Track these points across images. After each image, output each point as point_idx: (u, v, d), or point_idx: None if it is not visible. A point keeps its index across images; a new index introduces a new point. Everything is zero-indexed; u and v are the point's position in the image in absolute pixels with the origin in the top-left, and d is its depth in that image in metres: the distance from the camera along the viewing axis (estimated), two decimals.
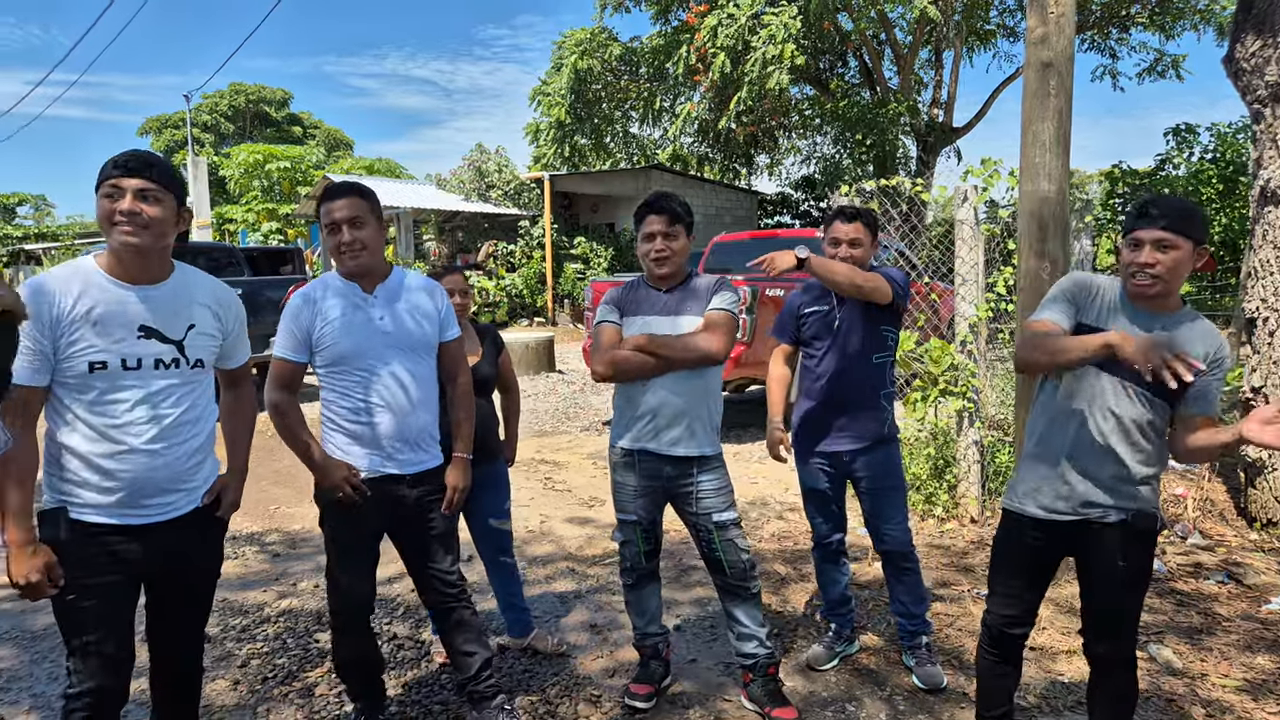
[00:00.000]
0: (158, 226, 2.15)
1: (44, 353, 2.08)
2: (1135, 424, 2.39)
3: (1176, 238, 2.28)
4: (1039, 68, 4.27)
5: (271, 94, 52.95)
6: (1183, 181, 15.82)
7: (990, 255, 5.69)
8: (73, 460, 2.16)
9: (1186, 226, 2.28)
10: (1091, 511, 2.44)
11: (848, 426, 3.35)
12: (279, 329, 2.72)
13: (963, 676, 3.39)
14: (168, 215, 2.18)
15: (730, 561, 3.04)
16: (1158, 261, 2.29)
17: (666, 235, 3.01)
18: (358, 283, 2.72)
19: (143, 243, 2.14)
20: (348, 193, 2.66)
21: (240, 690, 3.31)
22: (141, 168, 2.13)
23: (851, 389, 3.32)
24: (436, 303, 2.84)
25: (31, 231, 39.47)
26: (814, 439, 3.41)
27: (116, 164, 2.13)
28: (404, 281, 2.80)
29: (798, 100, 21.04)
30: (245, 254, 11.07)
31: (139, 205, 2.11)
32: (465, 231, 21.62)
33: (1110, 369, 2.39)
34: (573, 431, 8.45)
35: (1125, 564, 2.43)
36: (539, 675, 3.42)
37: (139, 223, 2.12)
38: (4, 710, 3.17)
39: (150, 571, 2.29)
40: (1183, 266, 2.31)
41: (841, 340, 3.33)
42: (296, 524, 5.46)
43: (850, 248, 3.30)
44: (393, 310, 2.73)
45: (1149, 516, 2.43)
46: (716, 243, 10.14)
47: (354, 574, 2.79)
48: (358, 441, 2.70)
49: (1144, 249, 2.31)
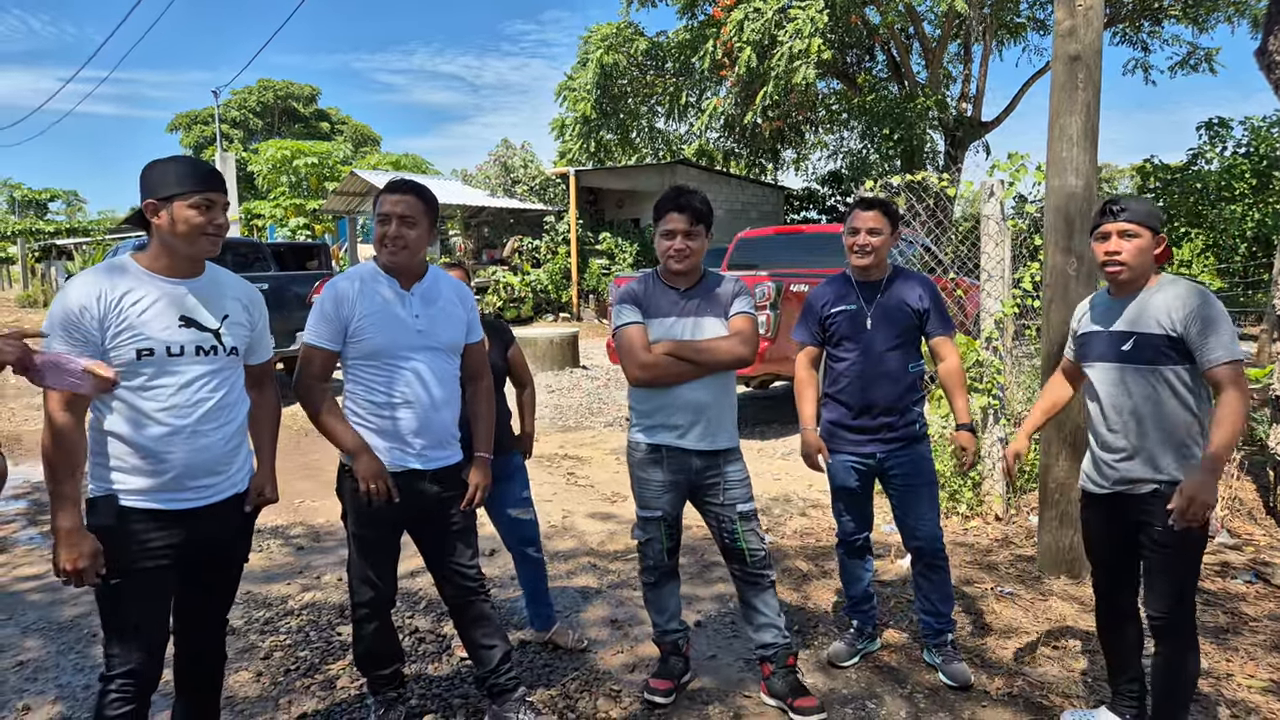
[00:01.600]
0: (226, 233, 2.39)
1: (93, 343, 2.19)
2: (1146, 400, 2.62)
3: (1138, 228, 2.62)
4: (1067, 61, 4.20)
5: (299, 90, 53.48)
6: (1215, 176, 15.49)
7: (1017, 251, 5.63)
8: (120, 446, 2.25)
9: (1145, 218, 2.63)
10: (1126, 485, 2.67)
11: (880, 427, 3.31)
12: (311, 316, 2.75)
13: (984, 674, 3.36)
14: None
15: (751, 550, 3.07)
16: (1123, 249, 2.63)
17: (688, 234, 3.00)
18: (396, 278, 2.76)
19: (218, 249, 2.38)
20: (409, 191, 2.73)
21: (263, 682, 3.35)
22: (222, 184, 2.35)
23: (882, 391, 3.29)
24: (465, 306, 2.90)
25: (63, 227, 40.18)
26: (845, 440, 3.38)
27: (205, 180, 2.30)
28: (437, 283, 2.85)
29: (824, 95, 20.91)
30: (272, 249, 11.19)
31: (223, 218, 2.35)
32: (491, 227, 21.72)
33: (1106, 354, 2.70)
34: (596, 427, 8.46)
35: (1163, 530, 2.55)
36: (559, 670, 3.43)
37: (223, 234, 2.36)
38: (31, 700, 3.23)
39: (188, 557, 2.36)
40: (1145, 253, 2.64)
41: (871, 340, 3.30)
42: (320, 518, 5.51)
43: (869, 236, 3.28)
44: (427, 310, 2.77)
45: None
46: (741, 239, 10.08)
47: (375, 568, 2.82)
48: (382, 436, 2.72)
49: (1111, 239, 2.65)
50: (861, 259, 3.31)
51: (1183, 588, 2.62)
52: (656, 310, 3.07)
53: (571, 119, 21.97)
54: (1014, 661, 3.49)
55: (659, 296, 3.10)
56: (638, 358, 3.02)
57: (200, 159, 2.37)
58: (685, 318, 3.04)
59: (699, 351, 2.98)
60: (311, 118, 53.57)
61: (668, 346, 3.01)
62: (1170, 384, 2.59)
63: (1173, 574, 2.62)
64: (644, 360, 3.01)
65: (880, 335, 3.29)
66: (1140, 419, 2.62)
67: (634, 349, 3.03)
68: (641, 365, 3.01)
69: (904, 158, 18.51)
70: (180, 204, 2.26)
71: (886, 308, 3.31)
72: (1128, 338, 2.65)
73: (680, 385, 3.01)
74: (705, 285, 3.09)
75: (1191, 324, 2.53)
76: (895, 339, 3.29)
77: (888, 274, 3.37)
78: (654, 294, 3.11)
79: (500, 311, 18.58)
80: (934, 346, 3.37)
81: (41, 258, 30.36)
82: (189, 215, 2.27)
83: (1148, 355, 2.60)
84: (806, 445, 3.40)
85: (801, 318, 3.51)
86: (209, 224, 2.29)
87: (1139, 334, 2.62)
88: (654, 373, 3.01)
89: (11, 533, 5.22)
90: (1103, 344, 2.72)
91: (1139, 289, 2.68)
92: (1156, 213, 2.70)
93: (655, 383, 3.04)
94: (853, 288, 3.37)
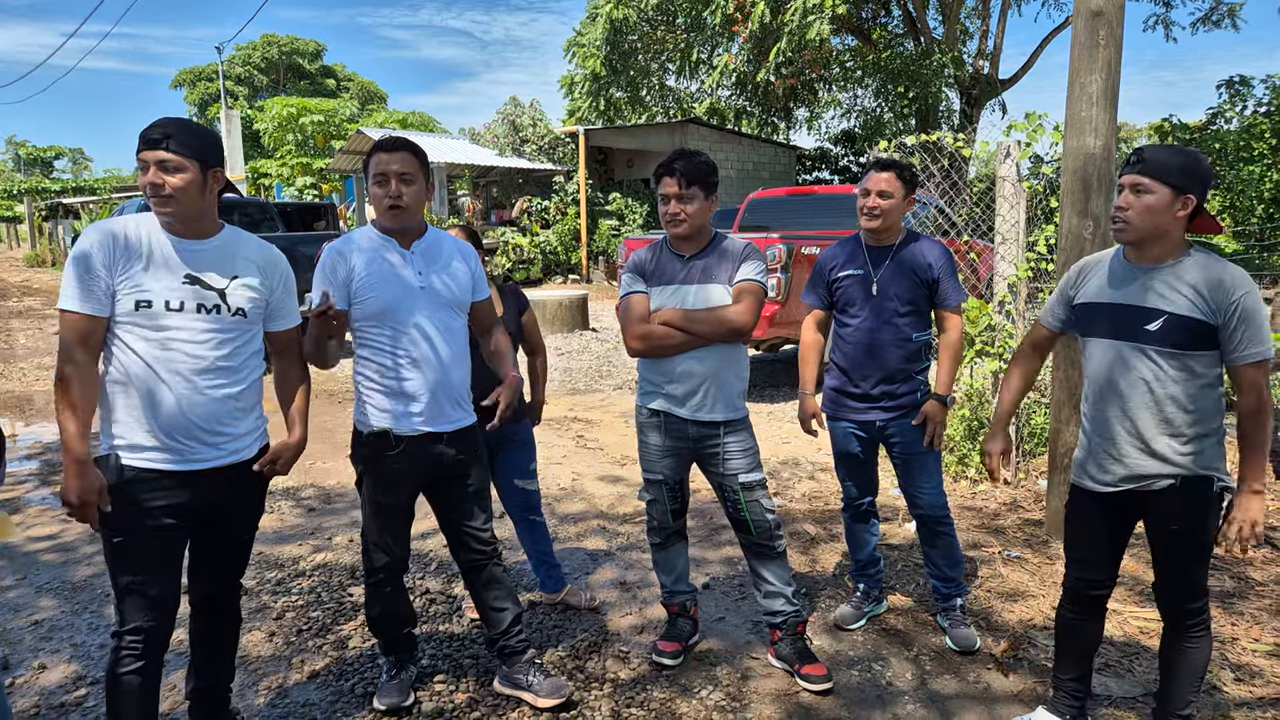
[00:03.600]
0: (181, 195, 2.26)
1: (106, 287, 2.22)
2: (1163, 388, 2.36)
3: (1152, 182, 2.27)
4: (1089, 17, 4.10)
5: (304, 46, 52.94)
6: (1234, 136, 15.24)
7: (1032, 213, 5.55)
8: (120, 399, 2.28)
9: (1164, 172, 2.27)
10: (1136, 483, 2.43)
11: (882, 395, 3.28)
12: (315, 281, 2.73)
13: (990, 638, 3.37)
14: (192, 183, 2.27)
15: (755, 521, 3.06)
16: (1129, 205, 2.31)
17: (681, 198, 2.95)
18: (395, 239, 2.74)
19: (173, 211, 2.27)
20: (402, 147, 2.69)
21: (276, 641, 3.39)
22: (160, 139, 2.23)
23: (885, 358, 3.25)
24: (469, 264, 2.87)
25: (69, 185, 40.09)
26: (846, 406, 3.36)
27: (141, 136, 2.24)
28: (439, 241, 2.82)
29: (839, 51, 20.55)
30: (279, 209, 11.15)
31: (161, 177, 2.23)
32: (499, 187, 21.58)
33: (1123, 331, 2.40)
34: (605, 390, 8.46)
35: (1181, 529, 2.42)
36: (569, 631, 3.46)
37: (162, 195, 2.24)
38: (46, 659, 3.27)
39: (196, 518, 2.38)
40: (1158, 213, 2.29)
41: (878, 305, 3.26)
42: (332, 479, 5.55)
43: (878, 198, 3.22)
44: (429, 269, 2.75)
45: (1201, 481, 2.38)
46: (753, 199, 9.98)
47: (390, 533, 2.82)
48: (394, 399, 2.71)
49: (1123, 193, 2.33)
50: (870, 221, 3.25)
51: (1203, 578, 2.49)
52: (661, 277, 3.04)
53: (581, 76, 21.72)
54: (1020, 625, 3.50)
55: (665, 263, 3.06)
56: (634, 329, 3.01)
57: (165, 117, 2.31)
58: (689, 285, 3.00)
59: (694, 322, 2.94)
60: (317, 74, 53.10)
61: (665, 316, 2.98)
62: (1194, 372, 2.34)
63: (1194, 569, 2.46)
64: (639, 331, 3.00)
65: (886, 302, 3.24)
66: (1157, 409, 2.37)
67: (631, 319, 3.03)
68: (637, 336, 3.01)
69: (919, 117, 18.27)
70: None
71: (895, 274, 3.24)
72: (1155, 316, 2.34)
73: (681, 356, 2.99)
74: (713, 249, 3.04)
75: (1231, 313, 2.26)
76: (902, 306, 3.23)
77: (900, 239, 3.30)
78: (661, 261, 3.07)
79: (509, 273, 18.52)
80: (940, 317, 3.31)
81: (48, 217, 30.34)
82: (141, 178, 2.26)
83: (1176, 339, 2.31)
84: (803, 410, 3.42)
85: (810, 280, 3.48)
86: (148, 185, 2.25)
87: (1170, 314, 2.31)
88: (649, 343, 3.00)
89: (24, 493, 5.27)
90: (1122, 320, 2.40)
91: (1164, 258, 2.36)
92: (1188, 167, 2.29)
93: (652, 353, 3.02)
94: (862, 251, 3.33)
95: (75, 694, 3.02)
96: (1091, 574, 2.62)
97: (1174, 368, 2.34)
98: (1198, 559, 2.45)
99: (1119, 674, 3.12)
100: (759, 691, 3.03)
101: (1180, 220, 2.32)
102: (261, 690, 3.05)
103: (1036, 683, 3.06)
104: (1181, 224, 2.33)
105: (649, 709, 2.92)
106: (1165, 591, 2.54)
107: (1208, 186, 2.34)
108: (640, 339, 3.01)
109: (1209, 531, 2.41)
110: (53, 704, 2.96)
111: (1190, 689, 2.55)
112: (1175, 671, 2.56)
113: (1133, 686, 3.04)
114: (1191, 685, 2.55)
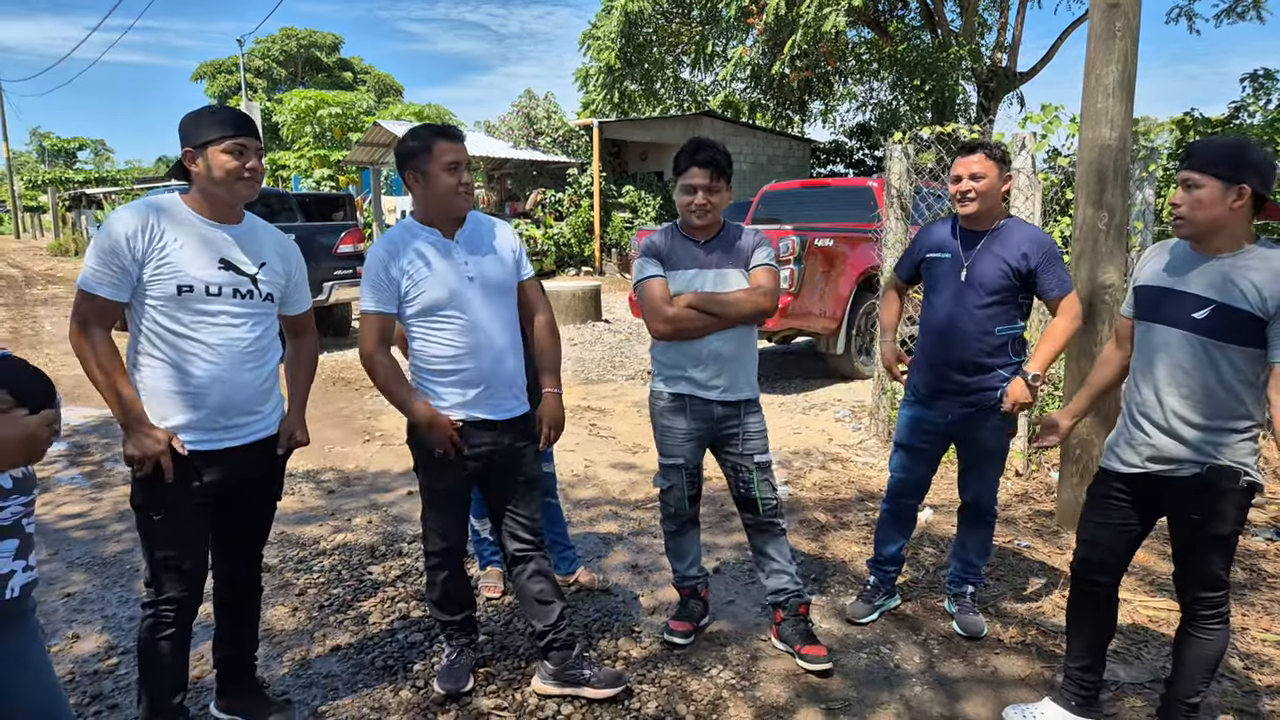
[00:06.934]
0: (262, 178, 2.47)
1: (127, 272, 2.30)
2: (1201, 375, 2.35)
3: (1201, 176, 2.27)
4: (1105, 8, 4.12)
5: (322, 39, 53.15)
6: (1258, 130, 15.08)
7: (1047, 205, 5.56)
8: (160, 385, 2.36)
9: (1212, 165, 2.26)
10: (1163, 466, 2.43)
11: (956, 390, 3.19)
12: (363, 284, 2.74)
13: (998, 624, 3.42)
14: None
15: (764, 499, 3.12)
16: (1182, 201, 2.31)
17: (709, 189, 2.98)
18: (439, 229, 2.74)
19: (255, 194, 2.44)
20: (462, 138, 2.74)
21: (298, 617, 3.48)
22: (255, 130, 2.41)
23: (964, 349, 3.13)
24: (511, 243, 2.87)
25: (92, 176, 40.46)
26: (921, 394, 3.31)
27: (237, 125, 2.36)
28: (479, 225, 2.83)
29: (854, 44, 20.46)
30: (298, 200, 11.24)
31: (257, 163, 2.41)
32: (514, 179, 21.62)
33: (1174, 318, 2.38)
34: (618, 380, 8.52)
35: (1203, 519, 2.40)
36: (581, 610, 3.53)
37: (258, 178, 2.43)
38: (79, 629, 3.38)
39: (223, 494, 2.47)
40: (1209, 207, 2.27)
41: (961, 294, 3.14)
42: (350, 463, 5.64)
43: (970, 181, 3.09)
44: (475, 255, 2.76)
45: (1226, 472, 2.35)
46: (766, 192, 10.01)
47: (446, 520, 2.84)
48: (451, 388, 2.73)
49: (1178, 190, 2.33)
50: (966, 206, 3.12)
51: (1225, 570, 2.47)
52: (678, 263, 3.08)
53: (595, 69, 21.70)
54: (1028, 611, 3.54)
55: (680, 249, 3.10)
56: (661, 311, 3.03)
57: (232, 107, 2.43)
58: (707, 270, 3.05)
59: (721, 304, 2.99)
60: (334, 67, 53.31)
61: (690, 299, 3.01)
62: (1236, 366, 2.31)
63: (1214, 561, 2.44)
64: (667, 314, 3.02)
65: (972, 290, 3.11)
66: (1195, 396, 2.35)
67: (656, 303, 3.04)
68: (664, 319, 3.03)
69: (935, 109, 18.17)
70: (214, 149, 2.34)
71: (984, 261, 3.11)
72: (1205, 304, 2.32)
73: (708, 339, 3.03)
74: (725, 237, 3.09)
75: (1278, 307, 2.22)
76: (985, 296, 3.09)
77: (998, 225, 3.16)
78: (675, 247, 3.11)
79: None
80: (1049, 307, 3.16)
81: (71, 207, 30.64)
82: (223, 160, 2.34)
83: (1224, 330, 2.28)
84: (884, 353, 3.58)
85: (906, 251, 3.46)
86: (242, 168, 2.36)
87: (1221, 304, 2.29)
88: (677, 326, 3.03)
89: (54, 473, 5.38)
90: (1173, 305, 2.39)
91: (1224, 249, 2.32)
92: (1233, 156, 2.26)
93: (678, 336, 3.05)
94: (955, 235, 3.22)
95: (108, 662, 3.12)
96: (1094, 554, 2.64)
97: (1215, 358, 2.32)
98: (1218, 550, 2.43)
99: (1127, 661, 3.17)
100: (768, 671, 3.09)
101: (1239, 211, 2.27)
102: (285, 661, 3.14)
103: (1044, 668, 3.11)
104: (1241, 215, 2.28)
105: (660, 685, 2.98)
106: (1184, 582, 2.54)
107: (1264, 173, 2.27)
108: (667, 321, 3.03)
109: (1231, 524, 2.39)
110: (86, 671, 3.06)
111: (1201, 679, 2.55)
112: (1188, 661, 2.56)
113: (1141, 673, 3.08)
114: (1203, 675, 2.54)
